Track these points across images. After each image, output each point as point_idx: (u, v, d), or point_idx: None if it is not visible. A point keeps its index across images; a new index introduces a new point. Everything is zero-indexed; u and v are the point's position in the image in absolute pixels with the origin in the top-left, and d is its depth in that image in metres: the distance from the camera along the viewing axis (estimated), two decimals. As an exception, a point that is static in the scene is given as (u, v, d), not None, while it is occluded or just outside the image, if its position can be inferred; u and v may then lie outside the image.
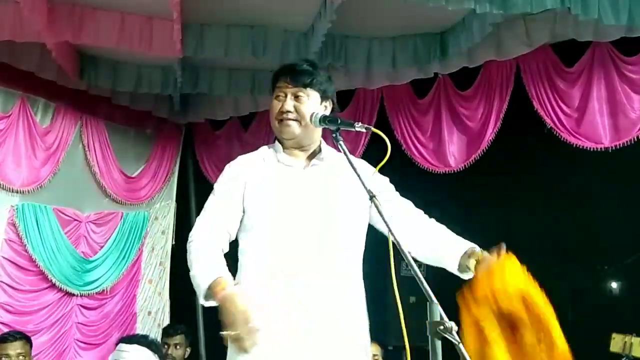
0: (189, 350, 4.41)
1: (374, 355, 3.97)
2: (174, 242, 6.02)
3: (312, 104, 2.17)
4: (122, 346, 3.21)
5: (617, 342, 2.82)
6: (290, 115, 2.15)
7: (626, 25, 3.84)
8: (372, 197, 1.84)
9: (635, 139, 4.14)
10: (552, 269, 4.70)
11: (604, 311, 4.55)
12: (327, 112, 2.19)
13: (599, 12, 3.67)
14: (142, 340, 3.30)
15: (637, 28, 3.90)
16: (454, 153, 4.81)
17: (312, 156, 2.20)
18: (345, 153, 2.00)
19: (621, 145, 4.21)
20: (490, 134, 4.62)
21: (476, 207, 5.16)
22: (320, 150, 2.22)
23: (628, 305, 4.48)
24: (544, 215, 4.87)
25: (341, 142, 2.02)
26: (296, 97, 2.16)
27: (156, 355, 3.25)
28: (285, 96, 2.17)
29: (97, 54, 4.89)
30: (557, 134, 4.39)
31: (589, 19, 3.71)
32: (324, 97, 2.20)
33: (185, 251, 2.23)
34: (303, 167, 2.17)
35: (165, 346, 4.22)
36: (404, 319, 1.75)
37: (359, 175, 1.93)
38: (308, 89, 2.16)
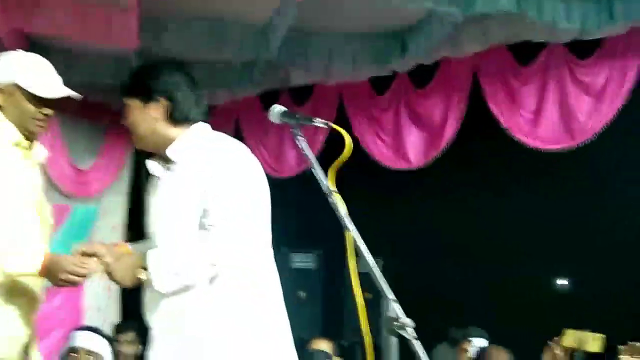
0: (141, 347, 4.33)
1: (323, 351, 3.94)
2: (127, 239, 5.90)
3: (135, 113, 2.08)
4: (77, 333, 3.16)
5: (570, 337, 2.87)
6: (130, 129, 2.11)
7: (579, 29, 3.94)
8: (330, 193, 1.82)
9: (587, 142, 4.26)
10: (504, 267, 4.80)
11: (555, 308, 4.67)
12: (162, 110, 2.04)
13: (552, 15, 3.77)
14: (98, 330, 3.26)
15: (588, 32, 4.01)
16: (414, 151, 4.86)
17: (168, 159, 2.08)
18: (303, 149, 1.97)
19: (574, 148, 4.32)
20: (450, 133, 4.68)
21: (431, 206, 5.23)
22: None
23: (578, 302, 4.61)
24: (498, 215, 4.95)
25: (300, 138, 1.99)
26: (125, 108, 2.10)
27: (109, 347, 3.20)
28: None
29: (50, 43, 4.74)
30: (512, 135, 4.47)
31: (544, 22, 3.80)
32: (146, 99, 2.05)
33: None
34: (162, 172, 2.08)
35: (117, 343, 4.13)
36: (361, 315, 1.74)
37: (315, 169, 1.90)
38: (127, 100, 2.10)
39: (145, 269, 1.90)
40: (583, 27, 3.91)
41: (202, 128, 2.09)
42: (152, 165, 2.09)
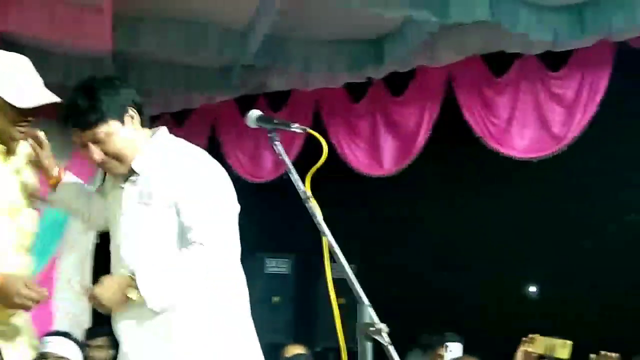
0: (112, 352, 4.27)
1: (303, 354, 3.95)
2: (98, 241, 5.81)
3: (116, 135, 1.95)
4: (47, 338, 3.10)
5: (539, 343, 2.90)
6: (107, 162, 1.97)
7: (551, 40, 4.03)
8: (307, 198, 1.81)
9: (559, 152, 4.33)
10: (478, 273, 4.85)
11: (528, 313, 4.74)
12: (136, 120, 1.99)
13: (526, 26, 3.84)
14: (67, 335, 3.21)
15: (561, 43, 4.10)
16: (389, 158, 4.89)
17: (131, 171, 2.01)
18: (280, 154, 1.97)
19: (544, 157, 4.39)
20: (422, 140, 4.72)
21: (406, 213, 5.26)
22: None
23: (551, 307, 4.68)
24: (473, 221, 5.01)
25: (277, 143, 1.99)
26: (96, 142, 1.94)
27: (80, 352, 3.15)
28: (86, 145, 1.97)
29: (24, 42, 4.67)
30: (486, 143, 4.53)
31: (518, 33, 3.87)
32: (121, 117, 1.96)
33: (108, 248, 2.16)
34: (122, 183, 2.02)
35: (88, 348, 4.08)
36: (336, 320, 1.74)
37: (291, 174, 1.89)
38: (100, 126, 1.93)
39: (134, 288, 1.88)
40: (555, 38, 3.99)
41: (166, 134, 2.07)
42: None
